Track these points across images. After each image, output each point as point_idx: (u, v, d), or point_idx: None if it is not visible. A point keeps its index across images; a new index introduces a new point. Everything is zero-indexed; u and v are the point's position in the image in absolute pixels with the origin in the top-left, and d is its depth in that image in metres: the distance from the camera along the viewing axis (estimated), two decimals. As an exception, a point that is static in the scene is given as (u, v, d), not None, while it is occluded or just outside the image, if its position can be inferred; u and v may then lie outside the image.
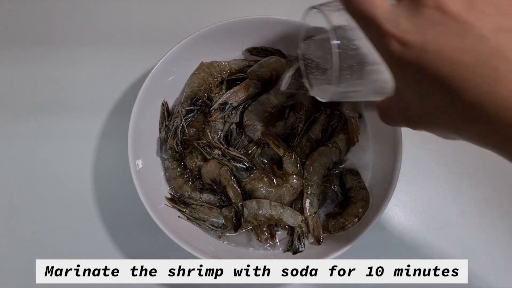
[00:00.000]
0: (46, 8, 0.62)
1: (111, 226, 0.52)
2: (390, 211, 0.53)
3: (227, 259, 0.45)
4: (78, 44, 0.60)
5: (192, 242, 0.44)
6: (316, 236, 0.46)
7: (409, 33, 0.23)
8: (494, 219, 0.52)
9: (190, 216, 0.47)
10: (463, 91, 0.22)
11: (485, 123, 0.22)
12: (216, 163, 0.47)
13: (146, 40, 0.60)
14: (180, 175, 0.50)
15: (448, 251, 0.51)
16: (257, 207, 0.46)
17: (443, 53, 0.22)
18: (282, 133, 0.49)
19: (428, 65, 0.22)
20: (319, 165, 0.48)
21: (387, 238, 0.52)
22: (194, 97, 0.50)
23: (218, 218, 0.47)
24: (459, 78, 0.22)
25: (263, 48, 0.53)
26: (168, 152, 0.49)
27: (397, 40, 0.23)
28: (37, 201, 0.53)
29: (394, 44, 0.23)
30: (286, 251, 0.47)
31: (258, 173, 0.47)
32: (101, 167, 0.54)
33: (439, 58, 0.22)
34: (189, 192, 0.49)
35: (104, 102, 0.57)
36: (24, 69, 0.59)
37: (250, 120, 0.49)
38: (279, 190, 0.47)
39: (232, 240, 0.48)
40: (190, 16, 0.61)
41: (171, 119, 0.50)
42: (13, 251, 0.51)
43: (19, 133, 0.56)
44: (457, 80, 0.22)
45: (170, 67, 0.49)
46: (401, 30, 0.23)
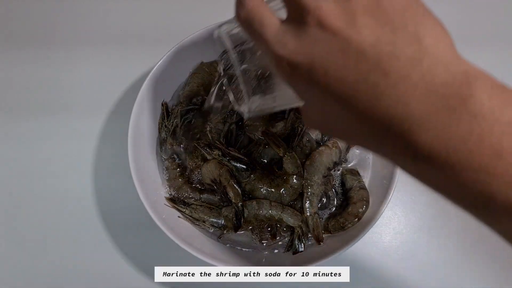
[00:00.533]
0: (46, 8, 0.62)
1: (111, 226, 0.52)
2: (390, 211, 0.53)
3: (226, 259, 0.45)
4: (78, 44, 0.60)
5: (192, 242, 0.44)
6: (316, 236, 0.46)
7: (296, 54, 0.22)
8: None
9: (190, 217, 0.47)
10: (351, 107, 0.22)
11: (371, 136, 0.23)
12: (216, 163, 0.47)
13: (146, 40, 0.60)
14: (180, 175, 0.50)
15: (448, 251, 0.51)
16: (257, 207, 0.46)
17: (329, 72, 0.22)
18: (282, 133, 0.49)
19: (318, 84, 0.22)
20: (319, 165, 0.48)
21: (387, 238, 0.52)
22: (193, 97, 0.50)
23: (218, 218, 0.47)
24: (346, 95, 0.22)
25: (263, 48, 0.53)
26: (168, 152, 0.49)
27: (287, 62, 0.23)
28: (37, 201, 0.53)
29: (285, 66, 0.23)
30: (286, 251, 0.47)
31: (258, 173, 0.47)
32: (101, 167, 0.54)
33: (327, 77, 0.22)
34: (188, 192, 0.49)
35: (104, 102, 0.57)
36: (24, 69, 0.59)
37: (250, 120, 0.49)
38: (279, 190, 0.47)
39: (232, 241, 0.48)
40: (190, 16, 0.61)
41: (171, 118, 0.50)
42: (13, 251, 0.51)
43: (19, 133, 0.56)
44: (345, 97, 0.22)
45: (170, 67, 0.49)
46: (289, 51, 0.23)
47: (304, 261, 0.44)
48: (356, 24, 0.21)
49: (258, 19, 0.24)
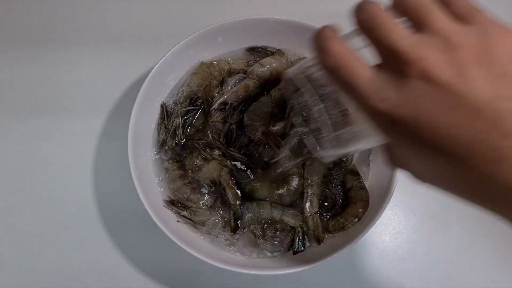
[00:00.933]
0: (46, 8, 0.62)
1: (111, 226, 0.52)
2: (390, 211, 0.53)
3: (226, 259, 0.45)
4: (78, 44, 0.60)
5: (192, 242, 0.44)
6: (316, 236, 0.46)
7: (399, 109, 0.20)
8: (494, 219, 0.52)
9: (189, 220, 0.47)
10: (464, 169, 0.20)
11: (491, 200, 0.21)
12: (217, 164, 0.47)
13: (146, 40, 0.60)
14: (179, 177, 0.49)
15: (448, 251, 0.51)
16: (258, 208, 0.46)
17: (437, 130, 0.20)
18: (282, 133, 0.49)
19: (423, 141, 0.20)
20: (319, 165, 0.48)
21: (387, 238, 0.52)
22: (193, 97, 0.50)
23: (218, 220, 0.47)
24: (460, 156, 0.20)
25: (263, 47, 0.53)
26: (168, 153, 0.49)
27: (386, 116, 0.21)
28: (37, 201, 0.53)
29: (384, 121, 0.21)
30: (287, 251, 0.47)
31: (258, 174, 0.47)
32: (101, 167, 0.54)
33: (434, 135, 0.20)
34: (188, 194, 0.49)
35: (104, 102, 0.57)
36: (24, 69, 0.59)
37: (250, 120, 0.49)
38: (279, 190, 0.47)
39: (233, 242, 0.48)
40: (190, 16, 0.61)
41: (170, 119, 0.50)
42: (13, 251, 0.51)
43: (19, 133, 0.56)
44: (459, 158, 0.20)
45: (170, 67, 0.49)
46: (389, 106, 0.20)
47: (304, 261, 0.44)
48: (467, 76, 0.19)
49: (349, 69, 0.22)
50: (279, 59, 0.51)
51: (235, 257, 0.46)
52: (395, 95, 0.20)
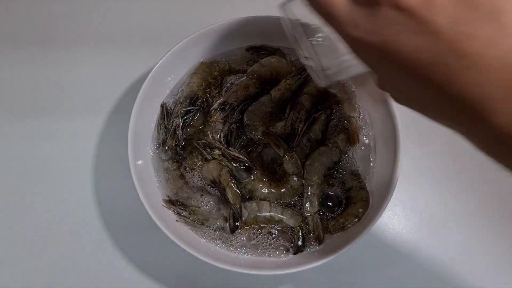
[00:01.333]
0: (46, 8, 0.62)
1: (111, 226, 0.52)
2: (390, 211, 0.53)
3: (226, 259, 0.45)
4: (78, 44, 0.60)
5: (191, 242, 0.44)
6: (316, 236, 0.46)
7: (369, 35, 0.22)
8: (494, 219, 0.52)
9: (189, 219, 0.47)
10: (424, 86, 0.22)
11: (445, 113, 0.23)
12: (217, 164, 0.47)
13: (146, 40, 0.60)
14: (179, 177, 0.49)
15: (448, 251, 0.51)
16: (257, 208, 0.46)
17: (403, 53, 0.21)
18: (282, 133, 0.49)
19: (390, 63, 0.22)
20: (319, 165, 0.48)
21: (386, 238, 0.52)
22: (193, 97, 0.50)
23: (217, 220, 0.47)
24: (421, 75, 0.22)
25: (263, 47, 0.53)
26: (168, 153, 0.49)
27: (360, 43, 0.23)
28: (37, 201, 0.53)
29: (357, 46, 0.23)
30: (287, 251, 0.47)
31: (258, 174, 0.47)
32: (101, 167, 0.54)
33: (402, 58, 0.22)
34: (188, 193, 0.49)
35: (104, 102, 0.57)
36: (24, 69, 0.59)
37: (250, 120, 0.49)
38: (279, 190, 0.47)
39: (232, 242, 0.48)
40: (190, 16, 0.61)
41: (170, 119, 0.50)
42: (13, 251, 0.51)
43: (19, 133, 0.56)
44: (419, 77, 0.22)
45: (170, 67, 0.49)
46: (361, 33, 0.23)
47: (304, 261, 0.44)
48: (434, 3, 0.20)
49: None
50: (280, 58, 0.51)
51: (235, 257, 0.46)
52: (367, 22, 0.22)
